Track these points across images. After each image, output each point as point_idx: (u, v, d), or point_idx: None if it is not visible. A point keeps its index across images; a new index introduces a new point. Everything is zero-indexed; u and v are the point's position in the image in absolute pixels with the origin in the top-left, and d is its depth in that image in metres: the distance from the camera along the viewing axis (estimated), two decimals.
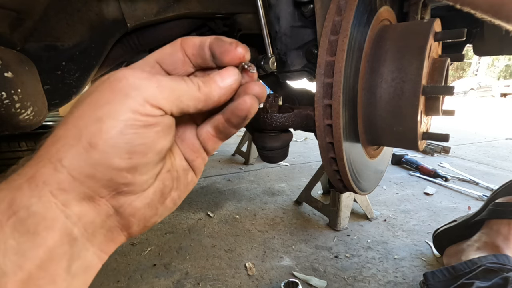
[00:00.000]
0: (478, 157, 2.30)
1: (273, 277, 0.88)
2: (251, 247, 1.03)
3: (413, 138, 0.49)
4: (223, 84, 0.25)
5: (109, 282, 0.85)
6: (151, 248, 1.02)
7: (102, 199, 0.23)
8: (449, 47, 0.86)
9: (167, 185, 0.27)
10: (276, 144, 0.58)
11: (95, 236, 0.23)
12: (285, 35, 0.58)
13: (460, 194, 1.53)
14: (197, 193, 1.50)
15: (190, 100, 0.24)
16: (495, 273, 0.70)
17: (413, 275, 0.90)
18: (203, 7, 0.65)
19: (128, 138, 0.21)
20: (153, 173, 0.24)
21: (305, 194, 1.34)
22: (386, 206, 1.36)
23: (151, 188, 0.25)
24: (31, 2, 0.46)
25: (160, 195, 0.26)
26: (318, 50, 0.47)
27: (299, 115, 0.56)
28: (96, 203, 0.22)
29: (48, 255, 0.20)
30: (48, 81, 0.55)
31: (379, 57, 0.49)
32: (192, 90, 0.24)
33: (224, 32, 0.83)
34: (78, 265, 0.22)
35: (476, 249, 0.84)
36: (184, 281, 0.86)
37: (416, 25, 0.51)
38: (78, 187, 0.21)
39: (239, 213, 1.29)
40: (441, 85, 0.47)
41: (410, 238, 1.09)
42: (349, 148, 0.50)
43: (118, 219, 0.24)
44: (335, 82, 0.44)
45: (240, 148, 2.19)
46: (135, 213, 0.24)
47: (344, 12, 0.45)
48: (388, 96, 0.48)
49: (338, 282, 0.86)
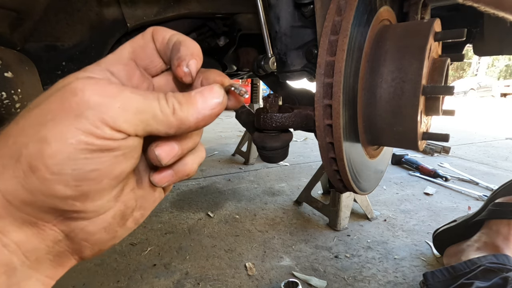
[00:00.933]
0: (478, 157, 2.30)
1: (273, 277, 0.88)
2: (251, 247, 1.03)
3: (413, 138, 0.49)
4: (204, 109, 0.21)
5: (109, 282, 0.85)
6: (151, 248, 1.02)
7: (47, 224, 0.20)
8: (449, 47, 0.86)
9: (129, 206, 0.24)
10: (276, 144, 0.58)
11: (40, 262, 0.21)
12: (285, 35, 0.58)
13: (460, 194, 1.53)
14: (197, 193, 1.50)
15: (160, 125, 0.20)
16: (494, 273, 0.70)
17: (413, 275, 0.90)
18: (203, 7, 0.65)
19: (77, 164, 0.18)
20: (110, 197, 0.21)
21: (305, 194, 1.34)
22: (386, 206, 1.36)
23: (110, 211, 0.22)
24: (31, 2, 0.46)
25: (121, 218, 0.23)
26: (318, 50, 0.47)
27: (299, 115, 0.56)
28: (40, 229, 0.20)
29: None
30: (48, 81, 0.55)
31: (379, 57, 0.49)
32: (165, 114, 0.20)
33: (224, 32, 0.83)
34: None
35: (476, 249, 0.84)
36: (184, 281, 0.86)
37: (416, 25, 0.51)
38: (15, 213, 0.18)
39: (239, 213, 1.29)
40: (441, 85, 0.46)
41: (410, 238, 1.09)
42: (349, 148, 0.50)
43: (68, 243, 0.21)
44: (335, 82, 0.44)
45: (240, 148, 2.19)
46: (89, 238, 0.21)
47: (344, 12, 0.45)
48: (388, 96, 0.48)
49: (338, 282, 0.86)
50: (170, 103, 0.20)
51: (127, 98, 0.19)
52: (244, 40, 0.84)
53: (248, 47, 0.89)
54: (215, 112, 0.22)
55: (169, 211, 1.30)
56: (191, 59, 0.22)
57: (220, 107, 0.22)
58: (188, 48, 0.23)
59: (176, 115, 0.20)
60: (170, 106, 0.20)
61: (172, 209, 1.32)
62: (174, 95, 0.21)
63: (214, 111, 0.22)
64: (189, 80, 0.23)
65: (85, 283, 0.84)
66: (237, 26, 0.74)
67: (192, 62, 0.22)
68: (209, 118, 0.22)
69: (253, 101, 2.70)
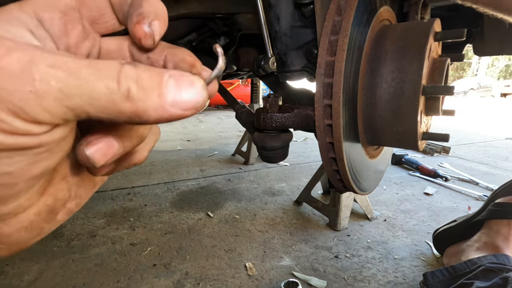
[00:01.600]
0: (478, 157, 2.30)
1: (273, 277, 0.88)
2: (251, 247, 1.03)
3: (413, 138, 0.49)
4: (174, 106, 0.15)
5: (109, 282, 0.85)
6: (151, 248, 1.02)
7: None
8: (449, 47, 0.86)
9: (60, 199, 0.20)
10: (276, 144, 0.58)
11: None
12: (285, 35, 0.58)
13: (460, 194, 1.53)
14: (197, 193, 1.50)
15: (104, 111, 0.14)
16: (494, 273, 0.70)
17: (413, 275, 0.90)
18: (203, 7, 0.65)
19: None
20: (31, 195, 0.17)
21: (305, 194, 1.34)
22: (386, 206, 1.36)
23: (32, 208, 0.18)
24: None
25: (48, 213, 0.19)
26: (318, 50, 0.47)
27: (299, 115, 0.56)
28: None
29: None
30: None
31: (379, 57, 0.49)
32: (111, 99, 0.14)
33: (224, 32, 0.83)
34: None
35: (476, 249, 0.84)
36: (184, 281, 0.86)
37: (416, 25, 0.51)
38: None
39: (239, 213, 1.29)
40: (441, 85, 0.46)
41: (410, 238, 1.09)
42: (349, 148, 0.50)
43: None
44: (335, 82, 0.44)
45: (240, 148, 2.19)
46: (4, 240, 0.18)
47: (344, 12, 0.45)
48: (388, 96, 0.48)
49: (338, 282, 0.86)
50: (124, 83, 0.14)
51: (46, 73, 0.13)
52: (244, 40, 0.84)
53: (248, 47, 0.89)
54: (188, 115, 0.16)
55: (169, 211, 1.30)
56: (155, 20, 0.18)
57: (196, 109, 0.16)
58: (152, 5, 0.18)
59: (130, 103, 0.14)
60: (124, 88, 0.14)
61: (172, 209, 1.32)
62: (136, 69, 0.14)
63: (187, 113, 0.16)
64: (150, 43, 0.18)
65: (85, 283, 0.84)
66: (237, 26, 0.74)
67: (156, 23, 0.18)
68: (177, 118, 0.16)
69: (253, 101, 2.70)
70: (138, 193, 1.49)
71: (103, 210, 1.28)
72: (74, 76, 0.13)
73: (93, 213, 1.26)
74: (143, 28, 0.17)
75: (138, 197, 1.44)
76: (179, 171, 1.84)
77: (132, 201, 1.39)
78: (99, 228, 1.14)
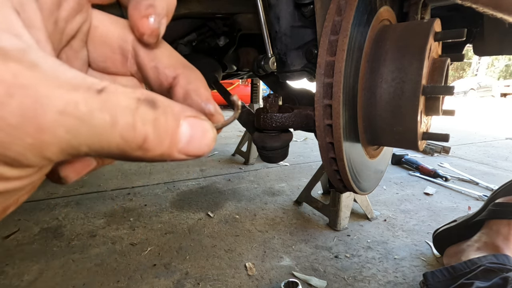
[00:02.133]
0: (478, 157, 2.30)
1: (273, 277, 0.88)
2: (251, 247, 1.03)
3: (413, 138, 0.49)
4: (183, 151, 0.14)
5: (109, 282, 0.85)
6: (151, 248, 1.02)
7: None
8: (449, 47, 0.86)
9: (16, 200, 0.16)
10: (276, 144, 0.58)
11: None
12: (285, 35, 0.58)
13: (460, 194, 1.53)
14: (197, 193, 1.50)
15: (110, 155, 0.13)
16: (494, 273, 0.70)
17: (413, 275, 0.90)
18: (203, 7, 0.65)
19: None
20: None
21: (305, 194, 1.34)
22: (386, 206, 1.36)
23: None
24: None
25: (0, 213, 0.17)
26: (318, 50, 0.47)
27: (299, 115, 0.56)
28: None
29: None
30: None
31: (379, 57, 0.49)
32: (127, 148, 0.12)
33: (224, 32, 0.83)
34: None
35: (476, 249, 0.84)
36: (184, 281, 0.86)
37: (416, 25, 0.51)
38: None
39: (239, 213, 1.29)
40: (441, 85, 0.46)
41: (410, 238, 1.09)
42: (349, 148, 0.50)
43: None
44: (335, 82, 0.44)
45: (240, 148, 2.20)
46: None
47: (344, 12, 0.45)
48: (388, 96, 0.48)
49: (338, 282, 0.86)
50: (141, 130, 0.12)
51: (54, 123, 0.11)
52: (244, 40, 0.84)
53: (248, 47, 0.89)
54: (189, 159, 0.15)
55: (169, 211, 1.30)
56: (165, 17, 0.16)
57: (199, 157, 0.15)
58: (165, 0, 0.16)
59: (142, 151, 0.13)
60: (140, 136, 0.12)
61: (172, 209, 1.32)
62: (154, 112, 0.12)
63: (189, 159, 0.15)
64: (152, 41, 0.16)
65: (85, 283, 0.84)
66: (237, 26, 0.74)
67: (165, 21, 0.15)
68: (177, 161, 0.14)
69: (253, 101, 2.70)
70: (138, 193, 1.49)
71: (103, 210, 1.28)
72: (86, 125, 0.11)
73: (93, 213, 1.26)
74: (150, 24, 0.15)
75: (138, 197, 1.44)
76: (179, 171, 1.84)
77: (132, 201, 1.39)
78: (99, 228, 1.14)
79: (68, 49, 0.17)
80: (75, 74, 0.12)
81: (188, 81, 0.18)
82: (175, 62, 0.18)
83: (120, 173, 1.79)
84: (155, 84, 0.19)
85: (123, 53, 0.19)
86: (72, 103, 0.11)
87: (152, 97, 0.13)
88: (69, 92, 0.11)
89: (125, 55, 0.19)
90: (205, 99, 0.18)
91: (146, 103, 0.12)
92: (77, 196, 1.42)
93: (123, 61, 0.19)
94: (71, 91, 0.11)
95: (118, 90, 0.12)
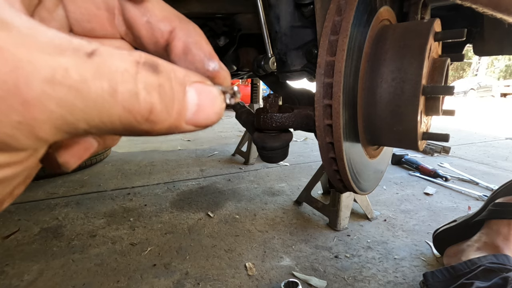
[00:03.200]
0: (478, 157, 2.30)
1: (273, 277, 0.88)
2: (251, 247, 1.03)
3: (413, 138, 0.49)
4: (191, 122, 0.13)
5: (109, 282, 0.85)
6: (151, 248, 1.02)
7: None
8: (449, 47, 0.86)
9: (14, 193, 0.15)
10: (276, 144, 0.58)
11: None
12: (285, 35, 0.58)
13: (460, 194, 1.53)
14: (197, 193, 1.50)
15: (114, 132, 0.11)
16: (494, 273, 0.70)
17: (413, 275, 0.90)
18: (203, 7, 0.65)
19: None
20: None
21: (305, 194, 1.34)
22: (386, 206, 1.36)
23: None
24: None
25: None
26: (318, 50, 0.47)
27: (299, 115, 0.56)
28: None
29: None
30: None
31: (379, 57, 0.49)
32: (132, 121, 0.11)
33: (224, 32, 0.83)
34: None
35: (476, 249, 0.84)
36: (184, 281, 0.86)
37: (416, 25, 0.51)
38: None
39: (239, 213, 1.29)
40: (441, 85, 0.46)
41: (410, 238, 1.09)
42: (349, 148, 0.50)
43: None
44: (335, 82, 0.44)
45: (240, 148, 2.20)
46: None
47: (344, 12, 0.45)
48: (388, 96, 0.48)
49: (338, 282, 0.86)
50: (145, 98, 0.11)
51: (42, 94, 0.09)
52: (244, 40, 0.84)
53: (248, 47, 0.89)
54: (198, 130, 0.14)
55: (169, 211, 1.30)
56: None
57: (208, 127, 0.14)
58: None
59: (149, 124, 0.11)
60: (145, 106, 0.11)
61: (172, 209, 1.32)
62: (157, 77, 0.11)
63: (198, 130, 0.13)
64: None
65: (85, 283, 0.84)
66: (237, 26, 0.74)
67: None
68: (185, 132, 0.13)
69: (253, 101, 2.70)
70: (138, 193, 1.49)
71: (103, 210, 1.28)
72: (81, 96, 0.10)
73: (93, 213, 1.26)
74: None
75: (138, 197, 1.44)
76: (179, 171, 1.84)
77: (132, 201, 1.39)
78: (99, 228, 1.14)
79: (41, 9, 0.15)
80: (58, 35, 0.10)
81: (187, 34, 0.16)
82: (169, 15, 0.16)
83: (120, 173, 1.79)
84: (149, 43, 0.17)
85: (109, 8, 0.16)
86: (61, 69, 0.09)
87: (152, 60, 0.11)
88: (54, 56, 0.09)
89: (111, 10, 0.16)
90: (208, 54, 0.16)
91: (147, 67, 0.11)
92: (77, 196, 1.42)
93: (111, 19, 0.16)
94: (56, 55, 0.09)
95: (112, 52, 0.10)
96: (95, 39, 0.17)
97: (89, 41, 0.10)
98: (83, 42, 0.10)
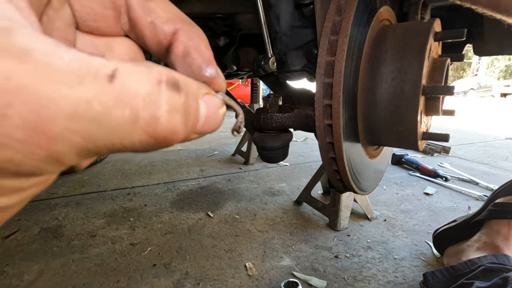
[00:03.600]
0: (478, 157, 2.30)
1: (273, 277, 0.88)
2: (251, 247, 1.03)
3: (413, 138, 0.49)
4: (197, 131, 0.13)
5: (109, 282, 0.85)
6: (151, 248, 1.02)
7: None
8: (449, 47, 0.86)
9: None
10: (276, 144, 0.58)
11: None
12: (285, 35, 0.58)
13: (460, 194, 1.53)
14: (197, 193, 1.50)
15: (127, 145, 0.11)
16: (494, 273, 0.70)
17: (413, 275, 0.90)
18: (204, 7, 0.65)
19: None
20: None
21: (305, 194, 1.34)
22: (386, 206, 1.36)
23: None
24: None
25: None
26: (318, 50, 0.47)
27: (299, 115, 0.56)
28: None
29: None
30: None
31: (379, 57, 0.49)
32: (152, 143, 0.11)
33: (224, 32, 0.83)
34: None
35: (476, 249, 0.84)
36: (184, 281, 0.86)
37: (416, 25, 0.51)
38: None
39: (239, 213, 1.29)
40: (441, 85, 0.46)
41: (410, 238, 1.09)
42: (349, 148, 0.50)
43: None
44: (335, 82, 0.44)
45: (240, 148, 2.19)
46: None
47: (344, 12, 0.45)
48: (388, 96, 0.48)
49: (338, 282, 0.86)
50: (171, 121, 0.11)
51: (65, 130, 0.09)
52: (244, 40, 0.84)
53: (248, 47, 0.89)
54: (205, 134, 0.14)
55: (169, 211, 1.30)
56: None
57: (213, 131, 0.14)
58: None
59: (168, 140, 0.12)
60: (168, 124, 0.11)
61: (172, 209, 1.32)
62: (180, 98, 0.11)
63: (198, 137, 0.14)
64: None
65: (85, 283, 0.84)
66: (237, 26, 0.74)
67: None
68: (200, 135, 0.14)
69: (253, 101, 2.70)
70: (138, 193, 1.49)
71: (103, 210, 1.28)
72: (103, 126, 0.10)
73: (93, 213, 1.26)
74: None
75: (138, 197, 1.44)
76: (179, 171, 1.84)
77: (132, 201, 1.39)
78: (99, 228, 1.14)
79: (48, 8, 0.14)
80: (76, 56, 0.10)
81: (188, 37, 0.16)
82: (173, 16, 0.16)
83: (120, 173, 1.79)
84: (152, 43, 0.17)
85: (116, 7, 0.16)
86: (83, 103, 0.09)
87: (173, 77, 0.11)
88: (74, 87, 0.09)
89: (117, 9, 0.16)
90: (207, 59, 0.16)
91: (170, 86, 0.11)
92: (77, 196, 1.42)
93: (117, 17, 0.16)
94: (76, 86, 0.09)
95: (132, 71, 0.10)
96: (102, 37, 0.17)
97: (107, 60, 0.10)
98: (102, 61, 0.10)
